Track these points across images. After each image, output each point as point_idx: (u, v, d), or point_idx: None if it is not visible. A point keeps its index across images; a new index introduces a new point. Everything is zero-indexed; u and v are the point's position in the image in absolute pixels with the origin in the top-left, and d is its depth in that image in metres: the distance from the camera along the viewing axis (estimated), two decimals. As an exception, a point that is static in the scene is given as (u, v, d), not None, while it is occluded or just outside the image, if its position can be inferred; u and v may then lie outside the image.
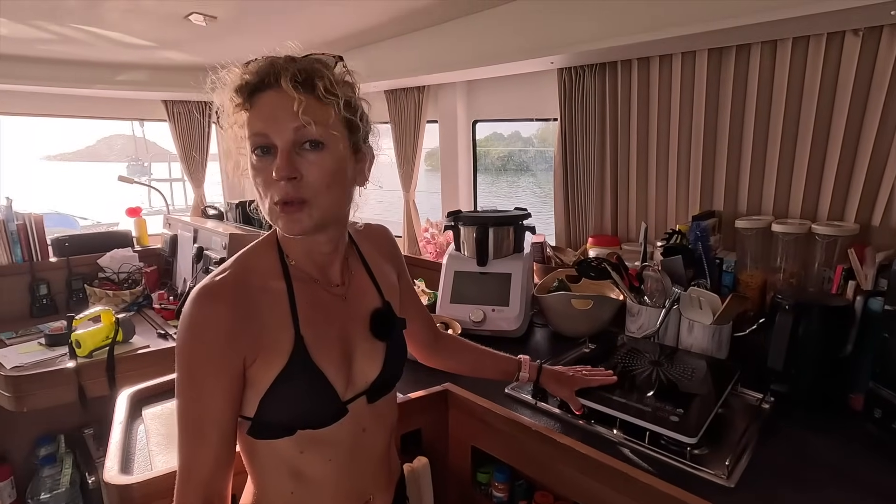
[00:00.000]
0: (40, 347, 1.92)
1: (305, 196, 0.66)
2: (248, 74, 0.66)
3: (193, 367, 0.67)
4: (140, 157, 8.38)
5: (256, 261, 0.74)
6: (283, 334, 0.70)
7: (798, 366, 1.12)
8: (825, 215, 1.39)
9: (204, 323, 0.66)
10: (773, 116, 1.44)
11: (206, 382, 0.66)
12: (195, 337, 0.66)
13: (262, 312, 0.70)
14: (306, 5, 1.76)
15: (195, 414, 0.68)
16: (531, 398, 1.14)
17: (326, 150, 0.66)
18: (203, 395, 0.67)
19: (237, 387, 0.69)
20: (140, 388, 1.20)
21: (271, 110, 0.65)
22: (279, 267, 0.74)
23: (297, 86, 0.64)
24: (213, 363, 0.66)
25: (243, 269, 0.72)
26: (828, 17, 1.17)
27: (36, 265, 2.32)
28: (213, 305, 0.66)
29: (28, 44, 2.10)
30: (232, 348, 0.67)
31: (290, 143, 0.65)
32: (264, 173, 0.66)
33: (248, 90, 0.66)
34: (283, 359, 0.69)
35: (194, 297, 0.67)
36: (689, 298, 1.31)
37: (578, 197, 1.94)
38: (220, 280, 0.69)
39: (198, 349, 0.66)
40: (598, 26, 1.53)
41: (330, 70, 0.68)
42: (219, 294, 0.67)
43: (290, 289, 0.73)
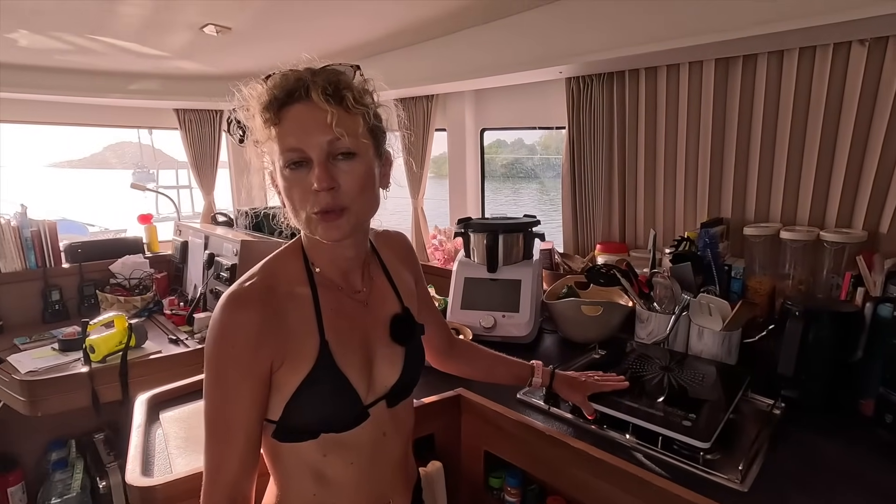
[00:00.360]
0: (54, 352, 1.94)
1: (344, 203, 0.68)
2: (276, 89, 0.67)
3: (222, 371, 0.69)
4: (147, 165, 8.46)
5: (283, 267, 0.76)
6: (308, 340, 0.72)
7: (808, 371, 1.13)
8: (833, 222, 1.40)
9: (233, 328, 0.68)
10: (781, 125, 1.45)
11: (234, 386, 0.68)
12: (224, 341, 0.68)
13: (289, 318, 0.71)
14: (318, 16, 1.80)
15: (223, 416, 0.69)
16: (543, 403, 1.15)
17: (358, 158, 0.68)
18: (231, 399, 0.69)
19: (264, 391, 0.70)
20: (157, 392, 1.21)
21: (303, 124, 0.66)
22: (304, 274, 0.76)
23: (327, 98, 0.65)
24: (241, 367, 0.68)
25: (270, 275, 0.74)
26: (834, 28, 1.19)
27: (49, 271, 2.35)
28: (242, 311, 0.68)
29: (46, 54, 2.15)
30: (259, 353, 0.68)
31: (325, 154, 0.66)
32: (300, 186, 0.67)
33: (276, 105, 0.67)
34: (308, 364, 0.71)
35: (224, 303, 0.69)
36: (699, 305, 1.32)
37: (586, 204, 1.96)
38: (248, 286, 0.71)
39: (227, 353, 0.68)
40: (606, 36, 1.56)
41: (352, 80, 0.70)
42: (248, 300, 0.69)
43: (315, 295, 0.75)
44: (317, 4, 1.67)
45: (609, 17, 1.54)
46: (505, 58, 1.84)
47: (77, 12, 1.68)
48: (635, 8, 1.47)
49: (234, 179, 3.36)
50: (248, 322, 0.68)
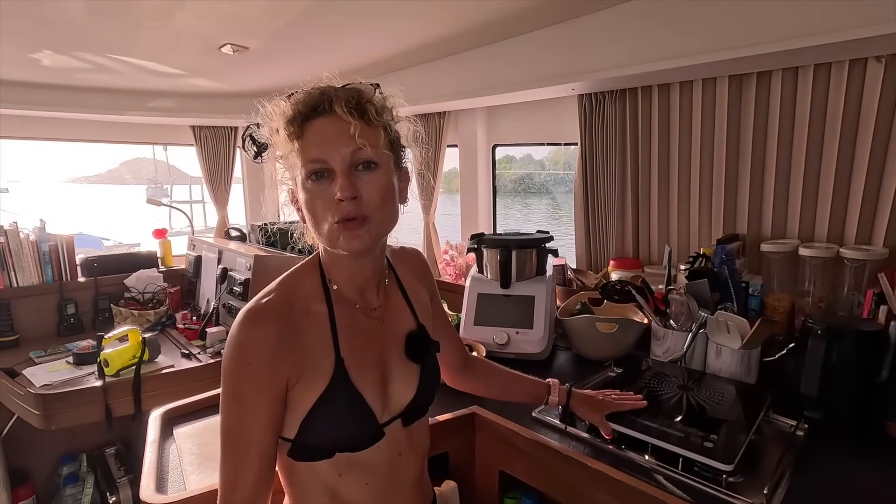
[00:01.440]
0: (68, 366, 1.95)
1: (366, 213, 0.69)
2: (300, 104, 0.69)
3: (238, 388, 0.68)
4: (161, 180, 8.60)
5: (300, 284, 0.76)
6: (324, 357, 0.72)
7: (833, 392, 1.10)
8: (853, 239, 1.38)
9: (250, 345, 0.68)
10: (797, 141, 1.45)
11: (251, 403, 0.68)
12: (241, 358, 0.68)
13: (305, 336, 0.71)
14: (334, 36, 1.83)
15: (238, 433, 0.69)
16: (559, 422, 1.13)
17: (379, 169, 0.70)
18: (247, 416, 0.68)
19: (280, 408, 0.70)
20: (170, 407, 1.21)
21: (326, 135, 0.68)
22: (321, 290, 0.76)
23: (350, 111, 0.67)
24: (257, 384, 0.68)
25: (287, 292, 0.74)
26: (849, 45, 1.19)
27: (65, 285, 2.38)
28: (259, 328, 0.69)
29: (67, 73, 2.20)
30: (276, 370, 0.68)
31: (347, 165, 0.68)
32: (322, 197, 0.68)
33: (301, 119, 0.69)
34: (324, 381, 0.71)
35: (241, 320, 0.69)
36: (717, 322, 1.30)
37: (599, 220, 1.95)
38: (265, 303, 0.71)
39: (243, 370, 0.68)
40: (619, 54, 1.57)
41: (373, 96, 0.72)
42: (265, 317, 0.69)
43: (331, 312, 0.75)
44: (333, 24, 1.70)
45: (622, 34, 1.55)
46: (518, 75, 1.86)
47: (99, 33, 1.73)
48: (648, 26, 1.49)
49: (247, 194, 3.40)
50: (264, 339, 0.68)
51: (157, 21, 1.62)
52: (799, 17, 1.20)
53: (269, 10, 1.56)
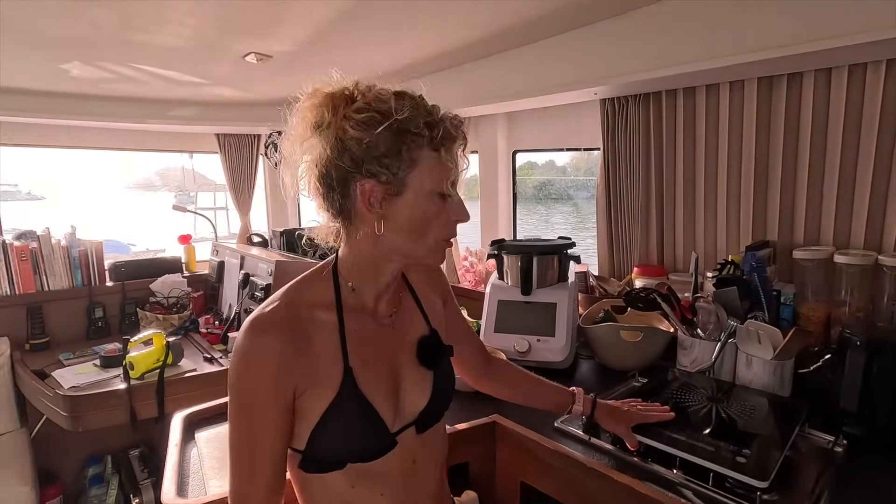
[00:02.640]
0: (95, 368, 2.00)
1: None
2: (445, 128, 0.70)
3: (245, 398, 0.68)
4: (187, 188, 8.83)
5: (308, 290, 0.75)
6: (332, 366, 0.71)
7: (873, 407, 1.04)
8: (892, 246, 1.32)
9: (255, 354, 0.67)
10: (830, 143, 1.39)
11: (258, 413, 0.68)
12: (247, 368, 0.68)
13: (313, 344, 0.71)
14: (356, 45, 1.85)
15: (246, 444, 0.69)
16: (583, 433, 1.10)
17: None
18: (254, 426, 0.68)
19: (288, 418, 0.70)
20: (193, 410, 1.22)
21: (458, 166, 0.74)
22: (332, 296, 0.75)
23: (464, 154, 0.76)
24: (264, 394, 0.67)
25: (294, 299, 0.73)
26: (885, 44, 1.15)
27: (94, 289, 2.44)
28: (263, 337, 0.68)
29: (93, 83, 2.27)
30: (282, 380, 0.68)
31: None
32: (442, 216, 0.73)
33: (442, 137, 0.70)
34: (332, 390, 0.70)
35: (246, 329, 0.69)
36: (747, 332, 1.26)
37: (622, 226, 1.91)
38: (269, 312, 0.70)
39: (249, 380, 0.67)
40: (643, 58, 1.54)
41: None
42: (270, 326, 0.69)
43: (340, 319, 0.74)
44: (355, 33, 1.72)
45: (645, 37, 1.52)
46: (539, 80, 1.84)
47: (125, 44, 1.77)
48: (673, 28, 1.46)
49: (269, 201, 3.45)
50: (268, 348, 0.67)
51: (184, 32, 1.66)
52: (832, 16, 1.16)
53: (295, 19, 1.58)
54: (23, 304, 2.25)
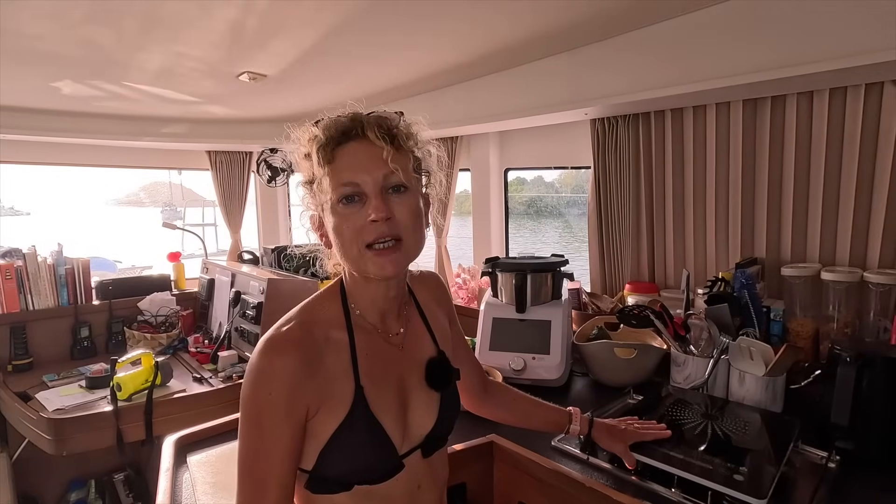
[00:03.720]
0: (81, 390, 1.95)
1: (399, 234, 0.69)
2: (331, 130, 0.70)
3: (258, 417, 0.67)
4: (175, 203, 8.76)
5: (320, 311, 0.75)
6: (344, 385, 0.71)
7: (864, 422, 1.06)
8: (876, 262, 1.35)
9: (270, 374, 0.67)
10: (814, 164, 1.44)
11: (270, 432, 0.67)
12: (261, 387, 0.67)
13: (326, 363, 0.71)
14: (350, 65, 1.87)
15: (257, 463, 0.68)
16: (581, 452, 1.10)
17: (409, 192, 0.71)
18: (266, 445, 0.67)
19: (299, 438, 0.69)
20: (184, 433, 1.19)
21: (359, 159, 0.69)
22: (342, 317, 0.75)
23: (382, 136, 0.69)
24: (277, 414, 0.67)
25: (308, 319, 0.73)
26: (863, 69, 1.19)
27: (80, 308, 2.39)
28: (279, 356, 0.68)
29: (84, 101, 2.26)
30: (296, 399, 0.67)
31: (380, 187, 0.68)
32: (354, 220, 0.69)
33: (333, 144, 0.70)
34: (343, 410, 0.70)
35: (261, 348, 0.68)
36: (739, 348, 1.27)
37: (614, 243, 1.94)
38: (286, 331, 0.70)
39: (263, 399, 0.67)
40: (631, 79, 1.58)
41: (399, 123, 0.73)
42: (285, 346, 0.69)
43: (351, 339, 0.74)
44: (349, 53, 1.74)
45: (633, 60, 1.57)
46: (530, 100, 1.88)
47: (120, 63, 1.78)
48: (660, 51, 1.50)
49: (260, 218, 3.44)
50: (285, 368, 0.67)
51: (179, 53, 1.67)
52: (813, 41, 1.20)
53: (289, 39, 1.60)
54: (6, 323, 2.20)
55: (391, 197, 0.69)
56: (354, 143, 0.70)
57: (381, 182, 0.68)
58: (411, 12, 1.40)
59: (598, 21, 1.50)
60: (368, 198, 0.68)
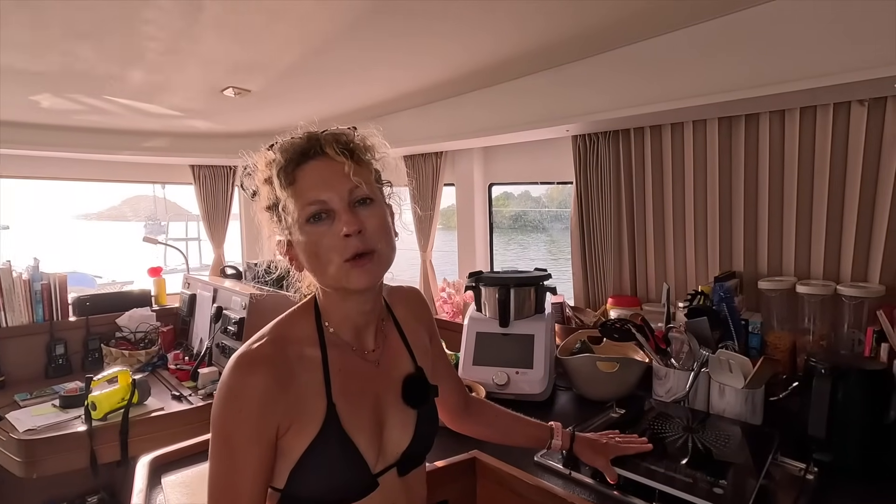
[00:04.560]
0: (54, 409, 1.89)
1: (373, 245, 0.69)
2: (288, 152, 0.70)
3: (228, 436, 0.67)
4: (158, 217, 8.64)
5: (293, 328, 0.75)
6: (316, 403, 0.70)
7: (841, 434, 1.07)
8: (849, 276, 1.39)
9: (241, 392, 0.67)
10: (787, 180, 1.48)
11: (241, 451, 0.66)
12: (232, 405, 0.67)
13: (298, 381, 0.70)
14: (336, 81, 1.89)
15: (227, 483, 0.67)
16: (563, 467, 1.10)
17: (375, 204, 0.71)
18: (237, 464, 0.66)
19: (270, 457, 0.68)
20: (159, 454, 1.16)
21: (322, 177, 0.69)
22: (315, 334, 0.75)
23: (342, 151, 0.69)
24: (248, 432, 0.66)
25: (281, 336, 0.73)
26: (832, 90, 1.24)
27: (55, 324, 2.34)
28: (250, 374, 0.67)
29: (64, 115, 2.23)
30: (267, 418, 0.67)
31: (347, 202, 0.69)
32: (325, 237, 0.68)
33: (293, 165, 0.69)
34: (314, 428, 0.69)
35: (232, 365, 0.68)
36: (719, 361, 1.29)
37: (596, 258, 1.96)
38: (257, 348, 0.69)
39: (234, 418, 0.66)
40: (610, 97, 1.62)
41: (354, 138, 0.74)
42: (257, 363, 0.68)
43: (324, 356, 0.73)
44: (335, 69, 1.75)
45: (613, 78, 1.60)
46: (512, 117, 1.91)
47: (104, 79, 1.77)
48: (638, 70, 1.54)
49: (244, 232, 3.41)
50: (256, 386, 0.66)
51: (162, 67, 1.66)
52: (783, 63, 1.25)
53: (276, 53, 1.60)
54: (-23, 341, 2.14)
55: (359, 210, 0.69)
56: (315, 161, 0.70)
57: (346, 197, 0.69)
58: (394, 31, 1.42)
59: (578, 40, 1.53)
60: (337, 214, 0.68)
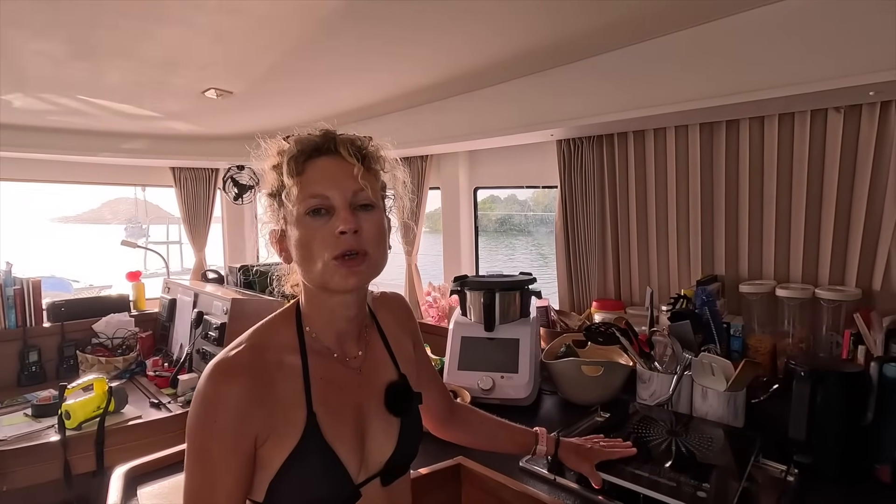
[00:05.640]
0: (26, 419, 1.83)
1: (365, 248, 0.69)
2: (302, 143, 0.71)
3: (204, 446, 0.65)
4: (139, 220, 8.48)
5: (274, 334, 0.73)
6: (296, 412, 0.69)
7: (820, 436, 1.09)
8: (827, 279, 1.41)
9: (217, 400, 0.65)
10: (767, 185, 1.50)
11: (217, 462, 0.64)
12: (208, 416, 0.65)
13: (277, 389, 0.68)
14: (317, 84, 1.87)
15: (203, 493, 0.65)
16: (548, 473, 1.09)
17: (375, 210, 0.72)
18: (213, 477, 0.65)
19: (248, 469, 0.66)
20: (135, 464, 1.13)
21: (330, 173, 0.70)
22: (296, 340, 0.73)
23: (354, 153, 0.70)
24: (224, 443, 0.64)
25: (260, 343, 0.71)
26: (809, 97, 1.26)
27: (29, 331, 2.27)
28: (227, 383, 0.66)
29: (38, 115, 2.18)
30: (244, 428, 0.65)
31: (348, 202, 0.69)
32: (321, 232, 0.68)
33: (304, 157, 0.70)
34: (294, 437, 0.67)
35: (208, 374, 0.66)
36: (701, 364, 1.30)
37: (580, 261, 1.97)
38: (234, 355, 0.68)
39: (210, 428, 0.64)
40: (594, 102, 1.63)
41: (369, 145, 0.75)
42: (234, 371, 0.67)
43: (305, 363, 0.72)
44: (318, 73, 1.74)
45: (596, 84, 1.62)
46: (497, 121, 1.91)
47: (88, 80, 1.72)
48: (621, 76, 1.55)
49: (226, 236, 3.35)
50: (231, 394, 0.65)
51: (139, 68, 1.63)
52: (761, 71, 1.27)
53: (255, 55, 1.58)
54: (-54, 348, 2.06)
55: (358, 213, 0.70)
56: (326, 158, 0.71)
57: (349, 198, 0.69)
58: (367, 35, 1.42)
59: (558, 48, 1.54)
60: (336, 211, 0.69)
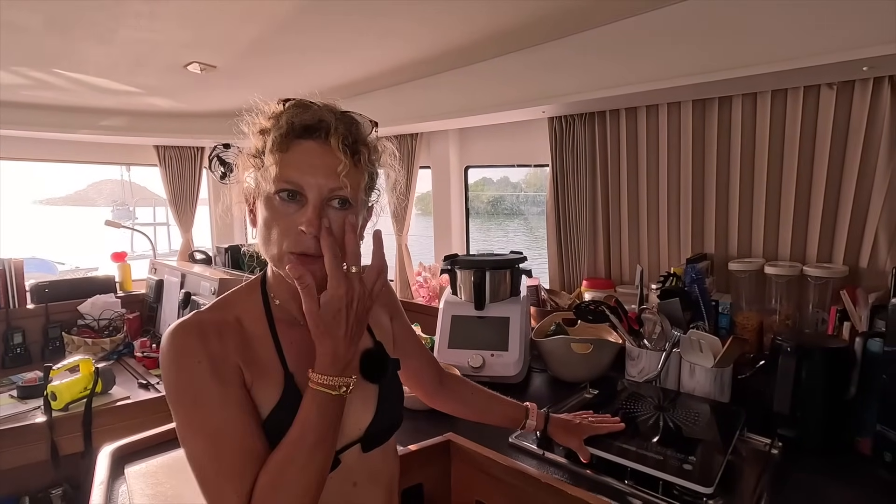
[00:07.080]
0: (11, 400, 1.81)
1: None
2: (295, 118, 0.65)
3: (196, 395, 0.63)
4: (127, 202, 8.32)
5: (238, 302, 0.73)
6: (275, 367, 0.69)
7: (804, 409, 1.11)
8: (814, 257, 1.42)
9: (187, 349, 0.64)
10: (758, 162, 1.49)
11: (216, 402, 0.63)
12: (184, 363, 0.63)
13: (250, 347, 0.68)
14: (303, 59, 1.82)
15: (217, 445, 0.61)
16: (537, 448, 1.10)
17: (352, 209, 0.67)
18: (224, 417, 0.62)
19: (248, 398, 0.65)
20: (122, 444, 1.12)
21: (312, 162, 0.65)
22: (262, 310, 0.72)
23: (345, 148, 0.65)
24: (216, 376, 0.63)
25: (221, 308, 0.71)
26: (802, 72, 1.24)
27: (12, 312, 2.23)
28: (190, 335, 0.65)
29: (11, 90, 2.10)
30: (226, 360, 0.65)
31: (322, 198, 0.65)
32: (285, 220, 0.65)
33: (293, 135, 0.65)
34: (276, 392, 0.67)
35: (169, 333, 0.65)
36: (689, 341, 1.31)
37: (571, 240, 1.96)
38: (192, 315, 0.68)
39: (192, 371, 0.63)
40: (586, 78, 1.60)
41: (368, 137, 0.70)
42: (194, 326, 0.66)
43: (273, 330, 0.71)
44: (303, 48, 1.69)
45: (588, 60, 1.58)
46: (488, 98, 1.87)
47: (56, 52, 1.66)
48: (613, 52, 1.52)
49: (213, 216, 3.30)
50: (200, 339, 0.64)
51: (118, 39, 1.57)
52: (754, 46, 1.25)
53: (237, 28, 1.53)
54: (-73, 330, 2.02)
55: (331, 207, 0.65)
56: (314, 142, 0.65)
57: (325, 193, 0.65)
58: (358, 10, 1.37)
59: (548, 22, 1.50)
60: (307, 204, 0.64)
